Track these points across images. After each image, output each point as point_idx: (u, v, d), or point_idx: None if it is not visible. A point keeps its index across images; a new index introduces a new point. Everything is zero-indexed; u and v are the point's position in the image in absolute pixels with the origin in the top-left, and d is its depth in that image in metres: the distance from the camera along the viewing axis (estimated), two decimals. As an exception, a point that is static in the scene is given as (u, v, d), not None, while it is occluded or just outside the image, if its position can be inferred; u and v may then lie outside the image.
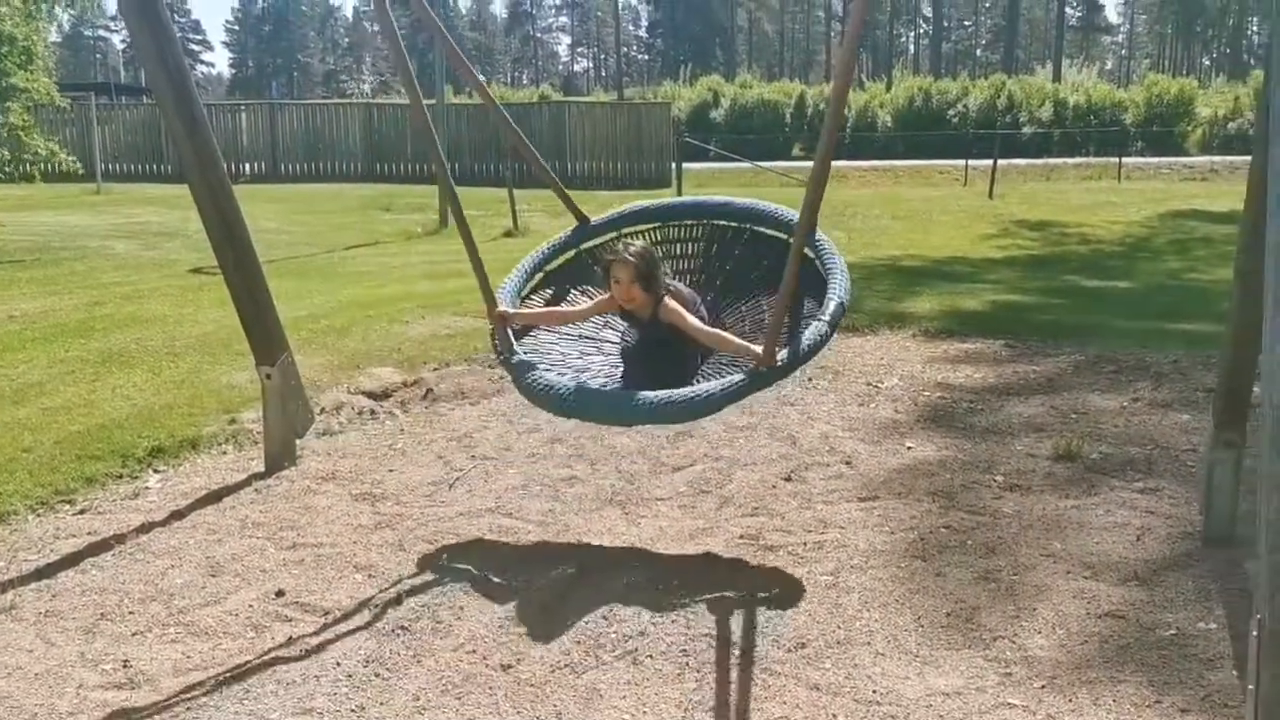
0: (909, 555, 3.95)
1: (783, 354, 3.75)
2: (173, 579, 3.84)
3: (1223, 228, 16.03)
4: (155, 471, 5.00)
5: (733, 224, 4.72)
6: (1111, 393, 6.10)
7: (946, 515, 4.32)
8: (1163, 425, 5.45)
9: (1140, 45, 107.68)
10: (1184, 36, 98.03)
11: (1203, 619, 3.37)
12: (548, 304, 4.68)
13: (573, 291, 4.75)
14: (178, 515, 4.46)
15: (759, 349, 3.74)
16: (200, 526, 4.34)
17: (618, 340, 4.61)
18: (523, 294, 4.60)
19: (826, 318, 3.87)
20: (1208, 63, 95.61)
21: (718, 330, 4.19)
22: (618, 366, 4.43)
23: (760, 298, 4.43)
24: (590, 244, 4.80)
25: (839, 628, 3.41)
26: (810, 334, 3.82)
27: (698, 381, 4.00)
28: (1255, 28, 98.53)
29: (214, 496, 4.68)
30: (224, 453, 5.30)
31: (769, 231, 4.57)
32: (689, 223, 4.82)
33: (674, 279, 4.51)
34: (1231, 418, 3.80)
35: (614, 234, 4.77)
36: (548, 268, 4.78)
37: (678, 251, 4.80)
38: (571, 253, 4.83)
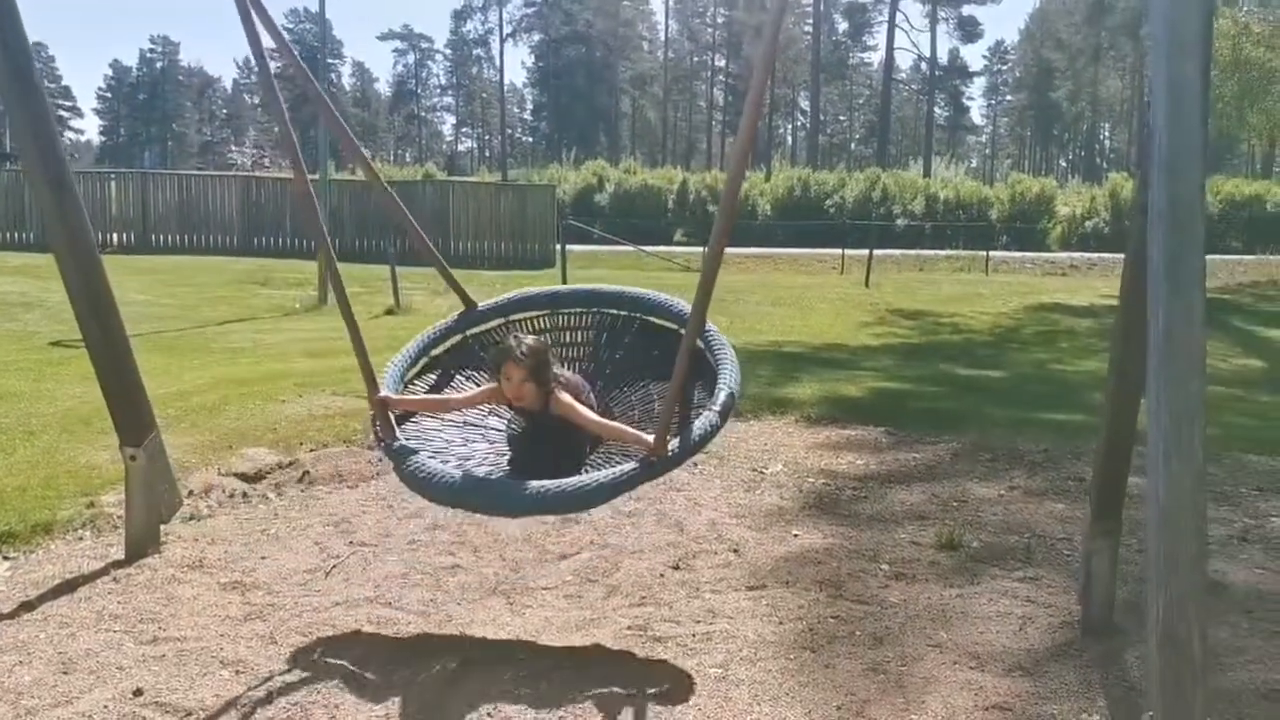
0: (798, 646, 3.91)
1: (674, 443, 3.73)
2: (20, 676, 3.56)
3: (1084, 321, 16.83)
4: (4, 559, 4.67)
5: (623, 313, 4.70)
6: (989, 481, 6.24)
7: (834, 604, 4.31)
8: (1038, 514, 5.58)
9: (1002, 145, 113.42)
10: (1042, 139, 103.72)
11: (1086, 710, 3.41)
12: (432, 389, 4.55)
13: (458, 377, 4.65)
14: (27, 606, 4.15)
15: (650, 438, 3.71)
16: (52, 619, 4.05)
17: (503, 428, 4.50)
18: (406, 379, 4.47)
19: (717, 408, 3.87)
20: (1064, 164, 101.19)
21: (609, 421, 4.15)
22: (504, 454, 4.32)
23: (650, 387, 4.42)
24: (477, 330, 4.73)
25: (729, 723, 3.33)
26: (701, 424, 3.81)
27: (587, 470, 3.94)
28: (1107, 134, 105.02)
29: (68, 586, 4.37)
30: (80, 538, 4.99)
31: (659, 321, 4.57)
32: (578, 310, 4.79)
33: (562, 366, 4.46)
34: (1108, 507, 3.90)
35: (501, 320, 4.71)
36: (433, 352, 4.67)
37: (566, 339, 4.76)
38: (458, 338, 4.73)
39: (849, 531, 5.27)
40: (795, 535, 5.20)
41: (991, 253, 30.76)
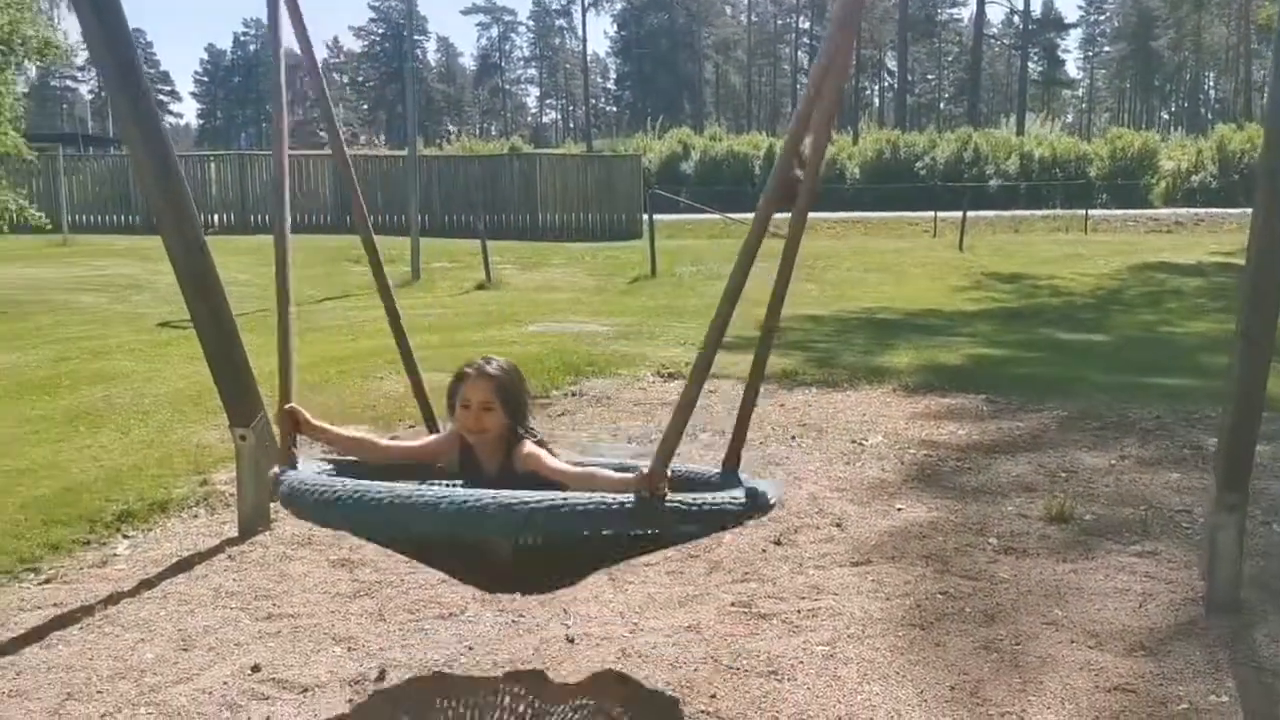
0: (906, 623, 3.84)
1: (680, 498, 2.70)
2: (143, 654, 3.67)
3: (1192, 280, 16.24)
4: (124, 537, 4.82)
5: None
6: (1098, 450, 6.05)
7: (942, 580, 4.22)
8: (1154, 484, 5.40)
9: (1100, 99, 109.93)
10: (1142, 91, 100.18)
11: (1214, 691, 3.28)
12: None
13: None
14: (148, 584, 4.28)
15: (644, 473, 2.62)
16: (171, 596, 4.17)
17: None
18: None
19: (747, 491, 2.98)
20: (1166, 116, 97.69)
21: (589, 469, 3.09)
22: None
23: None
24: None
25: (839, 702, 3.28)
26: (725, 496, 2.95)
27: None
28: (1212, 83, 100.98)
29: (186, 564, 4.50)
30: (195, 516, 5.13)
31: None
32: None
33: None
34: (1234, 480, 3.73)
35: None
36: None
37: None
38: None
39: (954, 504, 5.16)
40: (898, 509, 5.11)
41: (1091, 211, 29.88)
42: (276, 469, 3.11)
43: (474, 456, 3.17)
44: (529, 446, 3.08)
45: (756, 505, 2.94)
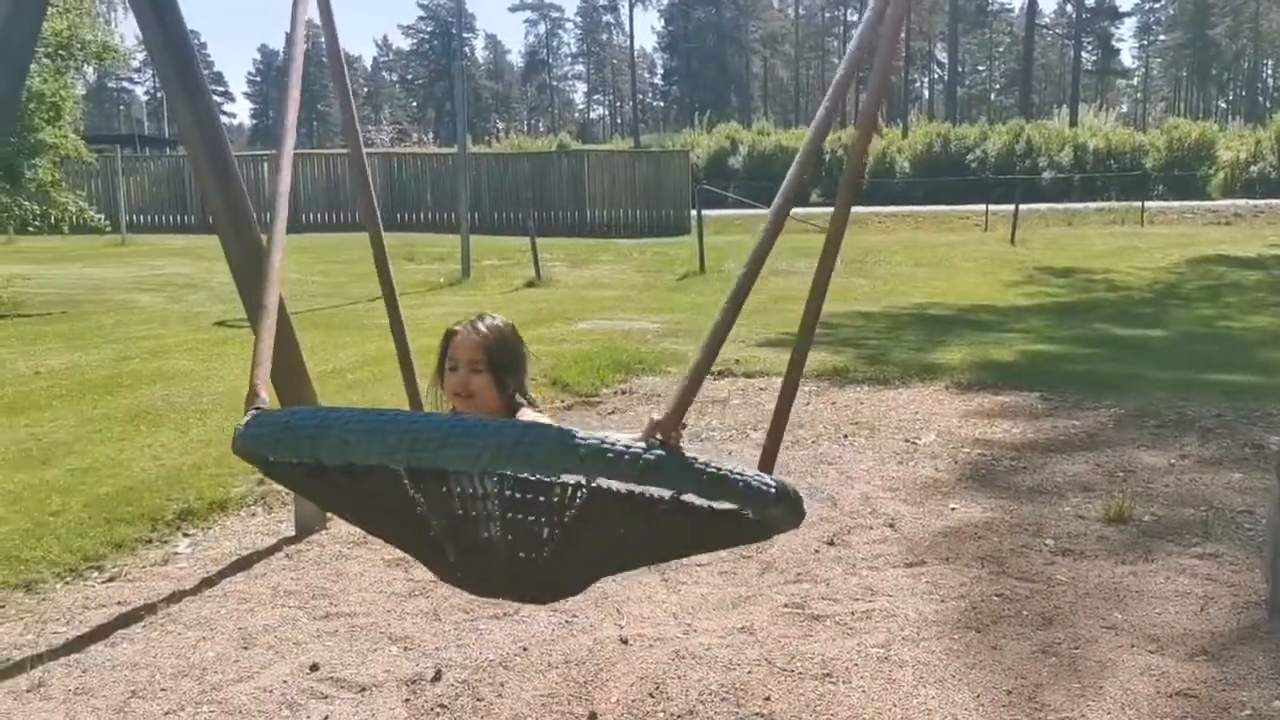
0: (962, 626, 3.81)
1: (701, 456, 2.13)
2: (204, 652, 3.74)
3: (1252, 273, 15.92)
4: (185, 535, 4.92)
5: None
6: (1157, 449, 5.96)
7: (998, 582, 4.18)
8: (1214, 485, 5.30)
9: (1155, 89, 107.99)
10: (1199, 80, 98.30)
11: (1278, 697, 3.22)
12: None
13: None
14: (208, 583, 4.36)
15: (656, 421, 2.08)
16: (231, 595, 4.24)
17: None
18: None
19: (778, 481, 2.27)
20: (1224, 105, 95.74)
21: None
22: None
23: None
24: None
25: (895, 705, 3.27)
26: (751, 472, 2.23)
27: None
28: (1270, 71, 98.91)
29: (245, 562, 4.58)
30: (254, 515, 5.22)
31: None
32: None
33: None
34: (1299, 483, 3.66)
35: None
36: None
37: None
38: None
39: (1009, 504, 5.11)
40: (953, 508, 5.07)
41: (1147, 203, 29.35)
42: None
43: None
44: (529, 415, 2.70)
45: (786, 497, 2.28)
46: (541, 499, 2.20)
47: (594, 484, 2.11)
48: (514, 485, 2.17)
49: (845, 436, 6.39)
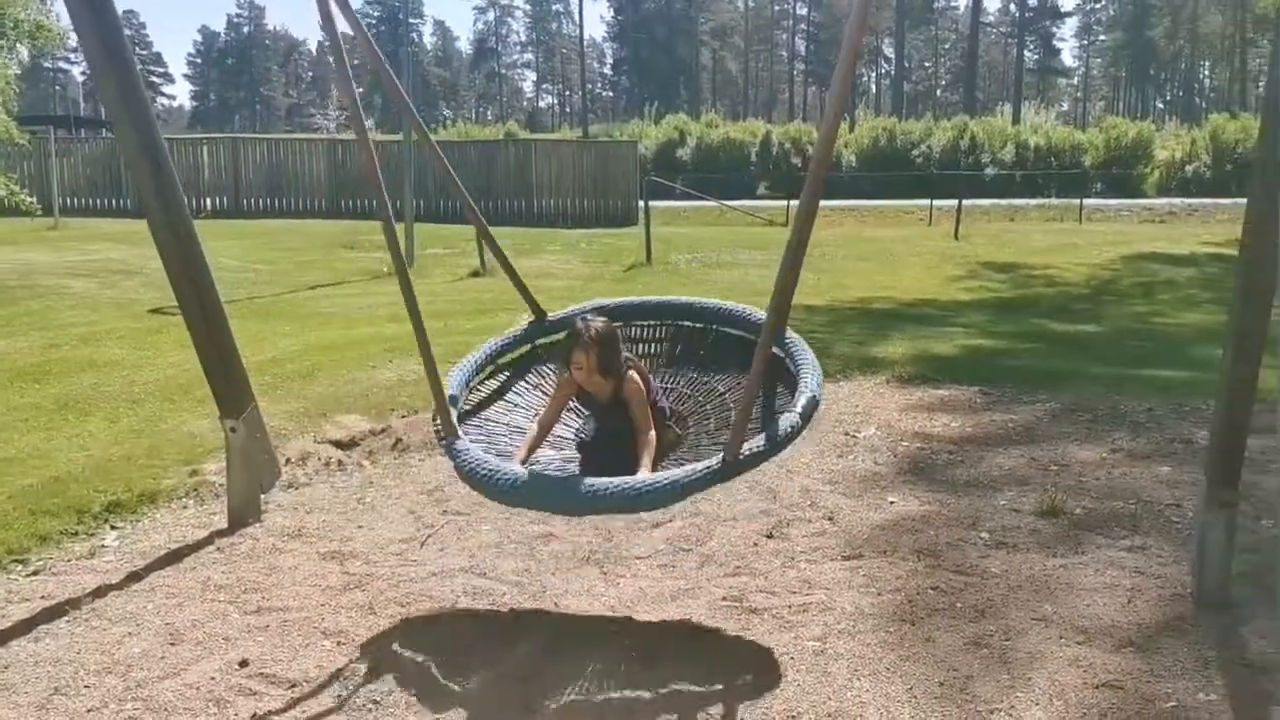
0: (897, 618, 3.84)
1: (753, 443, 3.49)
2: (130, 648, 3.65)
3: (1185, 271, 16.24)
4: (112, 528, 4.81)
5: (698, 325, 4.52)
6: (1090, 443, 6.05)
7: (933, 575, 4.22)
8: (1144, 478, 5.39)
9: (1095, 88, 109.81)
10: (1138, 79, 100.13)
11: (1202, 689, 3.28)
12: (495, 394, 4.41)
13: (523, 383, 4.50)
14: (135, 577, 4.26)
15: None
16: (159, 589, 4.15)
17: (572, 436, 4.30)
18: (471, 383, 4.31)
19: (799, 410, 3.62)
20: (1161, 105, 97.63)
21: (653, 434, 3.85)
22: (571, 461, 4.12)
23: (727, 398, 4.23)
24: (546, 340, 4.57)
25: (829, 699, 3.29)
26: (782, 425, 3.57)
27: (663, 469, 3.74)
28: (1207, 72, 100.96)
29: (174, 556, 4.49)
30: (185, 507, 5.11)
31: (736, 332, 4.36)
32: (652, 323, 4.61)
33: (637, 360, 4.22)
34: (1225, 476, 3.73)
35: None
36: (500, 360, 4.52)
37: (640, 351, 4.52)
38: (526, 348, 4.60)
39: (946, 498, 5.16)
40: (891, 502, 5.11)
41: (1085, 201, 29.81)
42: (448, 441, 3.86)
43: (586, 392, 4.06)
44: (633, 380, 3.91)
45: (809, 417, 3.69)
46: None
47: None
48: None
49: (786, 429, 6.41)
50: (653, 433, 3.84)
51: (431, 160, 4.65)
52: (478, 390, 4.36)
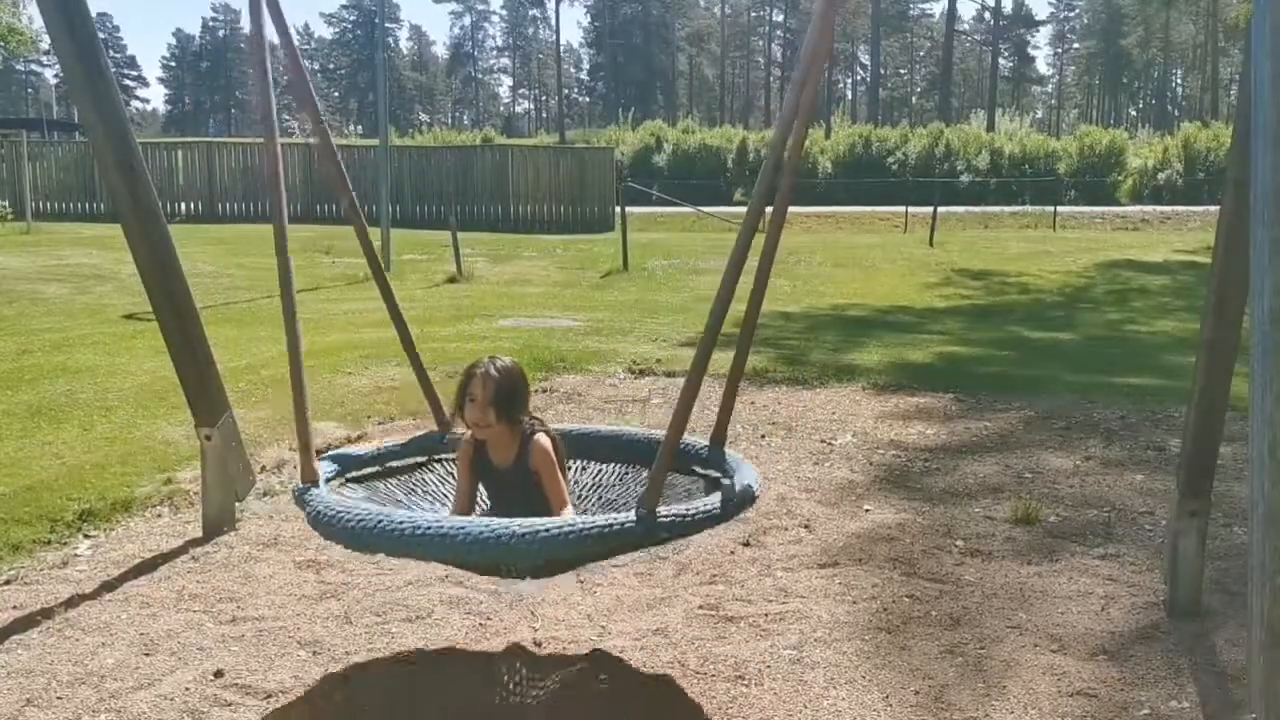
0: (873, 627, 3.86)
1: (675, 508, 3.04)
2: (103, 659, 3.62)
3: (1158, 278, 16.41)
4: (86, 537, 4.76)
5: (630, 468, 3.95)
6: (1064, 451, 6.10)
7: (909, 583, 4.24)
8: (1118, 486, 5.44)
9: (1069, 95, 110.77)
10: (1111, 88, 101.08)
11: (1175, 697, 3.32)
12: (389, 473, 3.86)
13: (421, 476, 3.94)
14: (109, 586, 4.22)
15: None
16: (133, 599, 4.12)
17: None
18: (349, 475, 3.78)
19: (735, 491, 3.21)
20: (1134, 113, 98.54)
21: (570, 515, 3.29)
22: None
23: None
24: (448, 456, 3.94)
25: (805, 707, 3.30)
26: (706, 502, 3.12)
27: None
28: (1180, 81, 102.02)
29: (148, 565, 4.45)
30: (159, 516, 5.07)
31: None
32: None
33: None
34: (1197, 488, 3.77)
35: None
36: (390, 464, 3.93)
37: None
38: (422, 459, 4.00)
39: (921, 506, 5.19)
40: (867, 510, 5.13)
41: (1059, 208, 30.08)
42: (299, 485, 3.45)
43: (486, 453, 3.50)
44: (543, 444, 3.39)
45: (744, 503, 3.24)
46: None
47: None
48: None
49: (763, 437, 6.44)
50: (569, 508, 3.37)
51: (321, 159, 4.37)
52: (349, 488, 3.76)
